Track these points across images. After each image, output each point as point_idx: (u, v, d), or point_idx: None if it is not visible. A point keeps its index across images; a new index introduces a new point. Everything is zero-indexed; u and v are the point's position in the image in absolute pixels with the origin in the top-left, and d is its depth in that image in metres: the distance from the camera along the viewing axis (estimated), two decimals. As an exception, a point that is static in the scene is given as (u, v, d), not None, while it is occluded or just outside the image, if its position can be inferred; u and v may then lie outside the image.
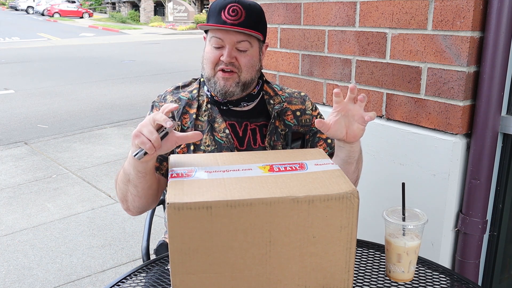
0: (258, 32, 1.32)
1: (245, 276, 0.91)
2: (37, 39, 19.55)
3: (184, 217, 0.85)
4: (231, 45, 1.30)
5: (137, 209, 1.31)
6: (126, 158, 1.19)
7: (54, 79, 9.48)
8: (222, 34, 1.30)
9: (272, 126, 1.40)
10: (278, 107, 1.42)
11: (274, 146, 1.40)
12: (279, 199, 0.86)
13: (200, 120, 1.39)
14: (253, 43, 1.34)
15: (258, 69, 1.39)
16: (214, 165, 1.02)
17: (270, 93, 1.46)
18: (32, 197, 3.85)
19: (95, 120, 6.29)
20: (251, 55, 1.34)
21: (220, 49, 1.32)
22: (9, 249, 3.04)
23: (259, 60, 1.38)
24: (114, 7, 37.72)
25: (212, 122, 1.38)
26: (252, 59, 1.34)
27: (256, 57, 1.36)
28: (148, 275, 1.23)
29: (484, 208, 1.65)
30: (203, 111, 1.40)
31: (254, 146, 1.39)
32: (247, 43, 1.32)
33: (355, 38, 1.90)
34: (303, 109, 1.46)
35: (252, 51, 1.34)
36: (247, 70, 1.34)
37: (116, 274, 2.74)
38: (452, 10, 1.56)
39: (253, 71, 1.36)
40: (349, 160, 1.26)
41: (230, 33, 1.30)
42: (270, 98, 1.44)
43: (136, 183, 1.19)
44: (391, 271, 1.14)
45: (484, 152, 1.59)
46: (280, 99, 1.45)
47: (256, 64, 1.37)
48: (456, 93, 1.60)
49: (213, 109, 1.40)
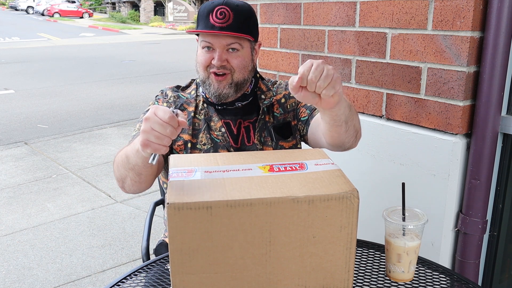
0: (247, 34, 1.32)
1: (245, 276, 0.91)
2: (37, 39, 19.55)
3: (184, 217, 0.85)
4: (221, 48, 1.31)
5: (133, 191, 1.29)
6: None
7: (54, 79, 9.48)
8: (211, 38, 1.30)
9: (262, 122, 1.41)
10: (267, 101, 1.43)
11: (265, 142, 1.40)
12: (279, 199, 0.86)
13: (198, 118, 1.41)
14: (244, 44, 1.33)
15: (251, 69, 1.39)
16: (214, 165, 1.02)
17: (263, 89, 1.46)
18: (32, 197, 3.85)
19: (95, 120, 6.29)
20: (243, 56, 1.34)
21: (211, 52, 1.32)
22: (9, 249, 3.04)
23: (251, 60, 1.38)
24: (114, 7, 37.72)
25: (208, 120, 1.40)
26: (243, 60, 1.34)
27: (248, 57, 1.36)
28: (148, 275, 1.23)
29: (484, 208, 1.65)
30: (200, 110, 1.41)
31: (248, 144, 1.40)
32: (237, 44, 1.32)
33: (355, 38, 1.90)
34: (286, 95, 1.46)
35: (243, 52, 1.34)
36: (240, 71, 1.34)
37: (116, 274, 2.74)
38: (452, 10, 1.56)
39: (246, 72, 1.36)
40: (335, 123, 1.15)
41: (219, 37, 1.30)
42: (262, 94, 1.45)
43: (141, 171, 1.17)
44: (391, 271, 1.14)
45: (484, 152, 1.59)
46: (271, 94, 1.45)
47: (248, 64, 1.37)
48: (456, 93, 1.60)
49: (209, 108, 1.42)
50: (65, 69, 10.98)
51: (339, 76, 0.99)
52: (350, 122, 1.18)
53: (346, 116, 1.14)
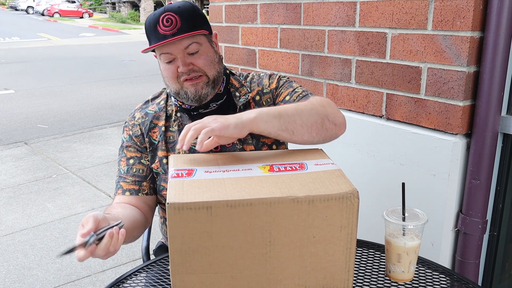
0: (199, 29, 1.29)
1: (245, 276, 0.91)
2: (37, 39, 19.55)
3: (184, 217, 0.85)
4: (181, 53, 1.28)
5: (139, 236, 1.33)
6: None
7: (54, 79, 9.48)
8: (168, 48, 1.28)
9: None
10: (243, 99, 1.39)
11: (245, 141, 1.36)
12: (279, 199, 0.86)
13: (171, 131, 1.38)
14: (201, 40, 1.31)
15: (218, 61, 1.36)
16: (214, 165, 1.02)
17: (236, 85, 1.42)
18: (32, 197, 3.85)
19: (95, 120, 6.29)
20: (205, 53, 1.31)
21: (173, 62, 1.29)
22: (9, 249, 3.04)
23: (214, 52, 1.35)
24: (114, 7, 37.72)
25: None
26: (207, 56, 1.32)
27: (210, 51, 1.33)
28: (148, 275, 1.23)
29: (484, 208, 1.65)
30: (173, 121, 1.38)
31: (227, 146, 1.34)
32: (195, 44, 1.29)
33: (355, 38, 1.90)
34: (260, 90, 1.41)
35: (204, 49, 1.31)
36: (209, 68, 1.32)
37: (116, 274, 2.74)
38: (452, 10, 1.56)
39: (215, 66, 1.34)
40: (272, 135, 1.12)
41: (175, 44, 1.27)
42: (236, 91, 1.41)
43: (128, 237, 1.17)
44: (391, 271, 1.14)
45: (484, 152, 1.59)
46: (246, 90, 1.41)
47: (214, 58, 1.34)
48: (456, 93, 1.60)
49: (183, 116, 1.39)
50: (65, 69, 10.98)
51: (209, 122, 1.03)
52: (292, 125, 1.10)
53: (278, 127, 1.08)
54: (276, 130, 1.08)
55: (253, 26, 2.40)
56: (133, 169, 1.35)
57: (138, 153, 1.38)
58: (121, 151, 1.40)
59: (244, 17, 2.43)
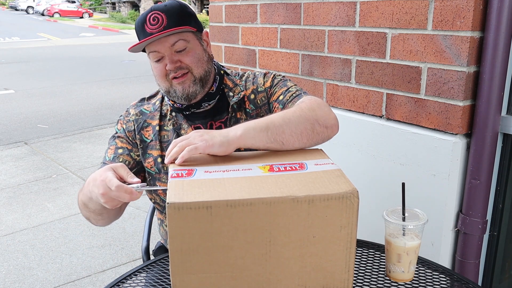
0: (186, 26, 1.28)
1: (245, 276, 0.91)
2: (37, 39, 19.55)
3: (184, 217, 0.85)
4: (169, 51, 1.28)
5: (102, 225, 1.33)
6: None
7: (54, 79, 9.48)
8: (154, 45, 1.28)
9: (234, 119, 1.37)
10: (236, 98, 1.38)
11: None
12: (279, 199, 0.86)
13: (165, 130, 1.38)
14: (188, 37, 1.30)
15: (207, 60, 1.36)
16: (214, 165, 1.02)
17: (230, 85, 1.42)
18: (32, 197, 3.85)
19: (95, 120, 6.29)
20: (193, 50, 1.31)
21: (162, 61, 1.30)
22: (9, 249, 3.04)
23: (203, 50, 1.35)
24: (114, 7, 37.72)
25: (178, 129, 1.37)
26: (195, 53, 1.31)
27: (198, 49, 1.33)
28: (148, 275, 1.23)
29: (484, 208, 1.65)
30: (168, 121, 1.39)
31: None
32: (182, 41, 1.29)
33: (355, 38, 1.90)
34: (255, 89, 1.41)
35: (191, 46, 1.31)
36: (196, 65, 1.31)
37: (116, 274, 2.74)
38: (452, 10, 1.56)
39: (203, 64, 1.33)
40: (261, 148, 1.12)
41: (161, 41, 1.27)
42: (229, 91, 1.40)
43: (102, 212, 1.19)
44: (391, 271, 1.14)
45: (484, 152, 1.59)
46: (239, 89, 1.41)
47: (202, 56, 1.34)
48: (456, 93, 1.60)
49: (178, 116, 1.39)
50: (65, 69, 10.98)
51: (194, 138, 1.04)
52: (281, 136, 1.09)
53: (266, 140, 1.07)
54: (264, 143, 1.07)
55: (253, 26, 2.40)
56: (120, 158, 1.35)
57: (129, 145, 1.39)
58: (111, 140, 1.41)
59: (244, 17, 2.43)
